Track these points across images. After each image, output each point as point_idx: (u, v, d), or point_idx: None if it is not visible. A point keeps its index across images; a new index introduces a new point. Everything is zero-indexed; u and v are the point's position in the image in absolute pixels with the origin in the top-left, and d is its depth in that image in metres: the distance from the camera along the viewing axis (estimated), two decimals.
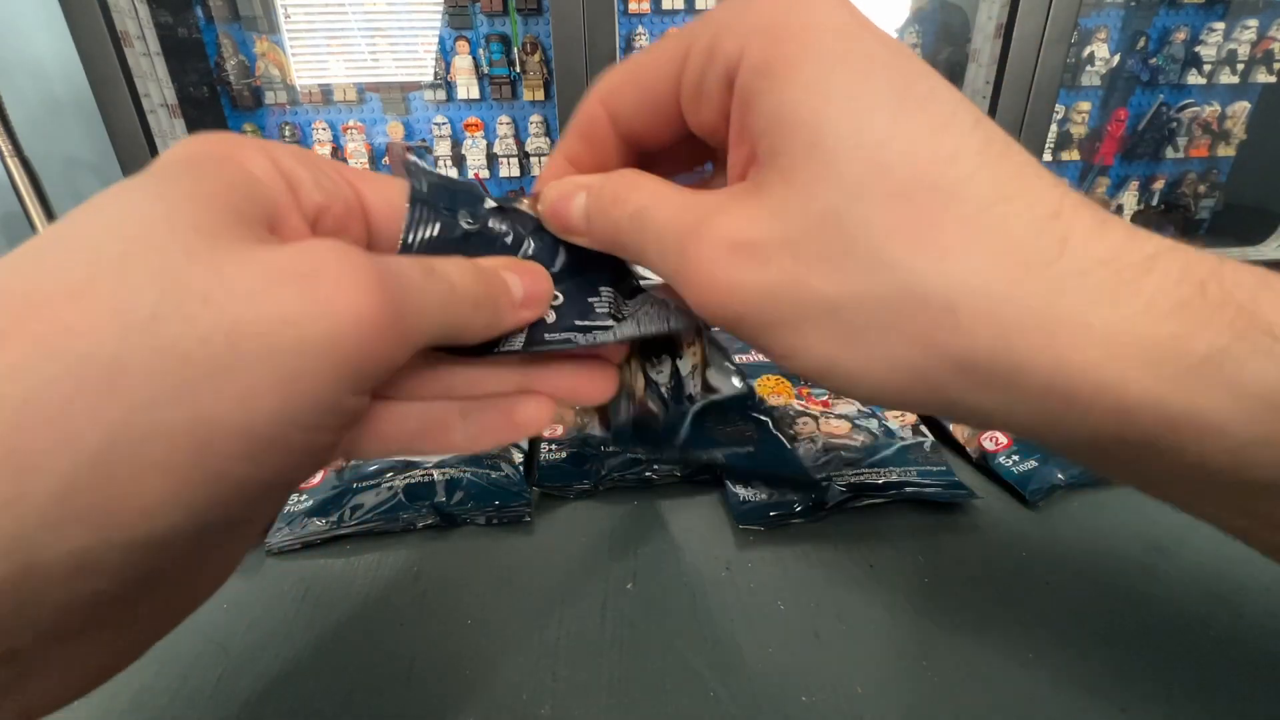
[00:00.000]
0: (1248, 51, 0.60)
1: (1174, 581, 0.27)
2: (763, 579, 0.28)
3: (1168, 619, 0.26)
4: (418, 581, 0.28)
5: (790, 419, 0.37)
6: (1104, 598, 0.27)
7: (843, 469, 0.33)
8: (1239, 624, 0.25)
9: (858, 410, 0.38)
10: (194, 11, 0.55)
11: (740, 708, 0.23)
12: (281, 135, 0.64)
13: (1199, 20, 0.60)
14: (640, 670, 0.24)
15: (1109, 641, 0.25)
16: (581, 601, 0.27)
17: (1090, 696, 0.23)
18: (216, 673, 0.24)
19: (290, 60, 0.60)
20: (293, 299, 0.11)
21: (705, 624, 0.26)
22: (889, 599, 0.27)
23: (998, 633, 0.25)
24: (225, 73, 0.58)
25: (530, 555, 0.30)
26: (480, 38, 0.63)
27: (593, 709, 0.23)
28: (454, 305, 0.15)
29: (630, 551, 0.30)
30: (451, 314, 0.15)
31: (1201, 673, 0.23)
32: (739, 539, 0.31)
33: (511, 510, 0.32)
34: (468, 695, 0.23)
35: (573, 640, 0.25)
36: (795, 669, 0.24)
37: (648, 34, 0.65)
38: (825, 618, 0.26)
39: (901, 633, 0.25)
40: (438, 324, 0.14)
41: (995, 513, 0.32)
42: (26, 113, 0.63)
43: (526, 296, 0.17)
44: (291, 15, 0.58)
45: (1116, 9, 0.59)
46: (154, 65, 0.53)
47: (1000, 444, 0.34)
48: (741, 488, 0.32)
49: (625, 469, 0.34)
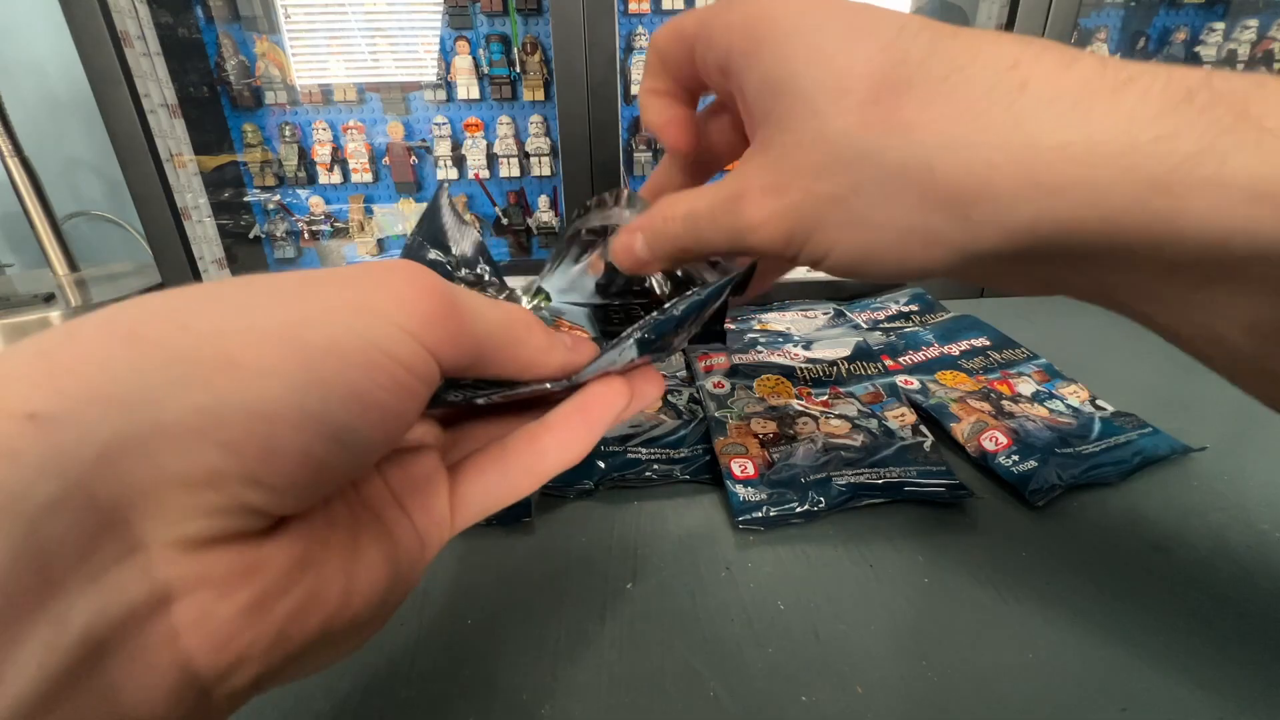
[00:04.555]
0: (1248, 52, 0.60)
1: (1174, 581, 0.27)
2: (763, 579, 0.28)
3: (1168, 619, 0.26)
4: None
5: (790, 418, 0.37)
6: (1104, 598, 0.27)
7: (843, 469, 0.33)
8: (1239, 624, 0.25)
9: (858, 410, 0.38)
10: (194, 12, 0.55)
11: (740, 708, 0.23)
12: (282, 135, 0.64)
13: (1199, 20, 0.60)
14: (640, 670, 0.24)
15: (1109, 641, 0.25)
16: (581, 601, 0.27)
17: (1090, 696, 0.23)
18: None
19: (290, 60, 0.60)
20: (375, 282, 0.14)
21: (705, 624, 0.26)
22: (889, 599, 0.27)
23: (998, 632, 0.25)
24: (225, 73, 0.58)
25: (530, 555, 0.30)
26: (480, 38, 0.63)
27: (593, 709, 0.23)
28: (510, 322, 0.16)
29: (630, 551, 0.30)
30: (506, 327, 0.16)
31: (1202, 672, 0.23)
32: (739, 539, 0.31)
33: (511, 510, 0.32)
34: (468, 695, 0.23)
35: (573, 640, 0.25)
36: (795, 669, 0.24)
37: (647, 34, 0.65)
38: (825, 618, 0.26)
39: (901, 632, 0.25)
40: (493, 326, 0.16)
41: (995, 513, 0.32)
42: (26, 112, 0.63)
43: (574, 347, 0.19)
44: (292, 15, 0.58)
45: (1116, 9, 0.59)
46: (154, 65, 0.53)
47: (1000, 444, 0.34)
48: (741, 486, 0.32)
49: (625, 469, 0.34)
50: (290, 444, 0.12)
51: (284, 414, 0.12)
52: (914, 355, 0.46)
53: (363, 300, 0.13)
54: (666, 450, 0.35)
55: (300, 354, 0.12)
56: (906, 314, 0.54)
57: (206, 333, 0.11)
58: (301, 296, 0.13)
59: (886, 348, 0.47)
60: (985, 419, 0.37)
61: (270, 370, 0.12)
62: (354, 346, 0.13)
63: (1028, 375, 0.42)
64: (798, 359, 0.45)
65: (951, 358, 0.45)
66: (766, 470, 0.33)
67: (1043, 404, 0.39)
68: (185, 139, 0.57)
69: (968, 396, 0.40)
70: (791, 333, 0.51)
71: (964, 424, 0.37)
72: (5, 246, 0.81)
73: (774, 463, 0.34)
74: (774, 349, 0.46)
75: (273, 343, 0.12)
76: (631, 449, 0.35)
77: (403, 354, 0.13)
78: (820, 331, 0.51)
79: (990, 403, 0.39)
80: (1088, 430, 0.36)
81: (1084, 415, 0.38)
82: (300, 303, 0.13)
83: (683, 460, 0.35)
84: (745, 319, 0.54)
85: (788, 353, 0.46)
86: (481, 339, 0.15)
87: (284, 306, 0.12)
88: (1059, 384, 0.41)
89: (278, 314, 0.12)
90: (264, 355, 0.12)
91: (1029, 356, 0.45)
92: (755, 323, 0.53)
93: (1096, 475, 0.33)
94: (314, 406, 0.12)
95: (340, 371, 0.12)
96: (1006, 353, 0.45)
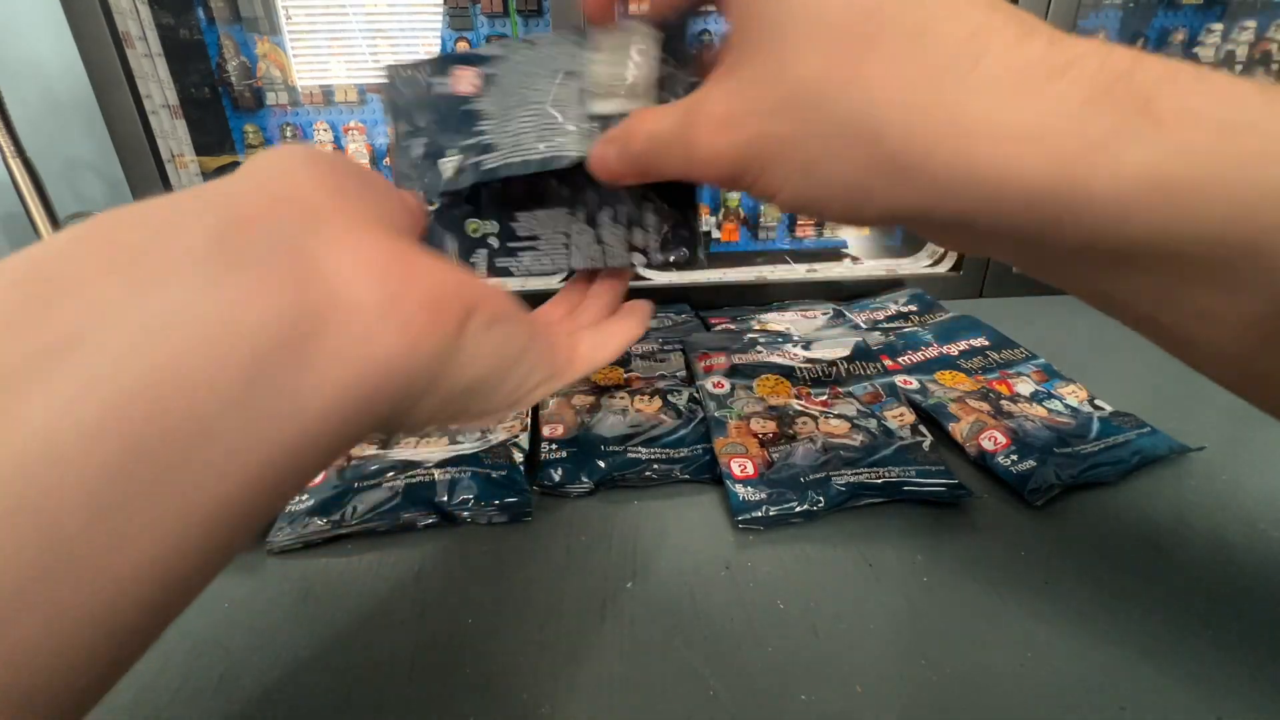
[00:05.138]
0: (1246, 52, 0.60)
1: (1173, 581, 0.27)
2: (762, 579, 0.28)
3: (1167, 619, 0.26)
4: (418, 581, 0.28)
5: (790, 418, 0.37)
6: (1103, 597, 0.27)
7: (842, 469, 0.33)
8: (1239, 623, 0.25)
9: (857, 410, 0.38)
10: (195, 13, 0.55)
11: (740, 707, 0.23)
12: (283, 136, 0.64)
13: (1197, 21, 0.60)
14: (640, 670, 0.24)
15: (1108, 641, 0.25)
16: (581, 601, 0.27)
17: (1090, 695, 0.23)
18: (217, 672, 0.24)
19: (291, 61, 0.60)
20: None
21: (705, 623, 0.26)
22: (888, 599, 0.27)
23: (997, 632, 0.25)
24: (227, 74, 0.58)
25: (530, 555, 0.30)
26: (481, 39, 0.63)
27: (593, 709, 0.23)
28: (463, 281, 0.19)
29: (630, 551, 0.30)
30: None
31: (1201, 672, 0.23)
32: (739, 539, 0.31)
33: (512, 510, 0.32)
34: (468, 695, 0.23)
35: (573, 640, 0.25)
36: (795, 668, 0.24)
37: None
38: (824, 617, 0.26)
39: (901, 632, 0.25)
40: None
41: (994, 512, 0.32)
42: (28, 113, 0.63)
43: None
44: (293, 16, 0.58)
45: (1115, 10, 0.59)
46: (155, 66, 0.53)
47: (999, 444, 0.35)
48: (741, 486, 0.32)
49: (625, 469, 0.34)
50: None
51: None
52: (913, 355, 0.46)
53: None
54: (666, 450, 0.35)
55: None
56: (906, 314, 0.54)
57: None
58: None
59: (886, 348, 0.47)
60: (984, 419, 0.37)
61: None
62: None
63: (1026, 375, 0.43)
64: (797, 359, 0.45)
65: (950, 358, 0.45)
66: (766, 470, 0.33)
67: (1041, 404, 0.39)
68: (187, 140, 0.57)
69: (967, 396, 0.40)
70: (791, 333, 0.51)
71: (963, 424, 0.37)
72: (7, 247, 0.81)
73: (774, 462, 0.34)
74: (774, 349, 0.46)
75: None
76: (631, 449, 0.35)
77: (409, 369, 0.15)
78: (820, 332, 0.51)
79: (989, 402, 0.39)
80: (1086, 430, 0.36)
81: (1082, 415, 0.38)
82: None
83: (683, 460, 0.35)
84: (745, 319, 0.54)
85: (787, 353, 0.46)
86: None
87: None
88: (1057, 384, 0.41)
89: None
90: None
91: (1028, 356, 0.45)
92: (755, 323, 0.53)
93: (1095, 475, 0.33)
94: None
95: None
96: (1005, 353, 0.45)
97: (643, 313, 0.29)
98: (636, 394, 0.40)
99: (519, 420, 0.38)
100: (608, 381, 0.43)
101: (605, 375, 0.43)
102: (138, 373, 0.11)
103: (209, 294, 0.12)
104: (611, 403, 0.40)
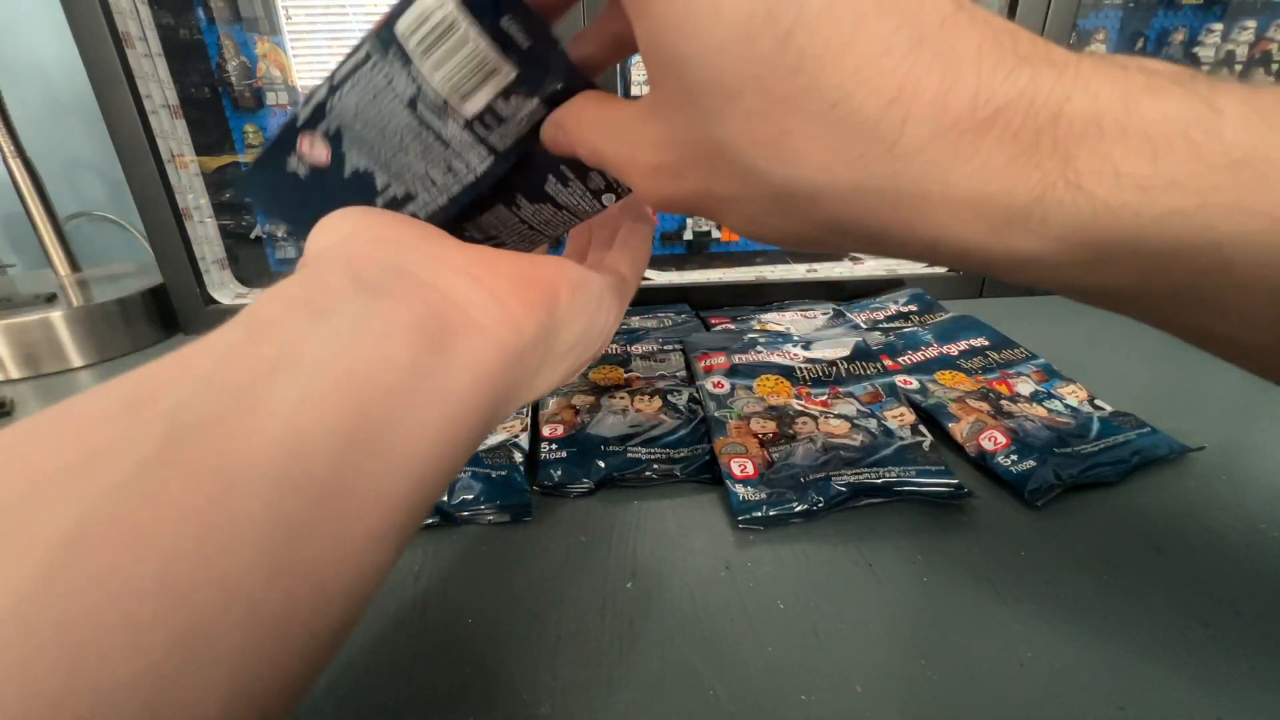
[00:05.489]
0: (1246, 52, 0.60)
1: (1172, 581, 0.27)
2: (762, 579, 0.28)
3: (1167, 618, 0.26)
4: (418, 581, 0.28)
5: (789, 418, 0.37)
6: (1103, 598, 0.27)
7: (842, 469, 0.33)
8: (1238, 623, 0.25)
9: (857, 410, 0.38)
10: (195, 13, 0.55)
11: (740, 707, 0.23)
12: None
13: (1197, 21, 0.60)
14: (640, 670, 0.24)
15: (1108, 641, 0.25)
16: (581, 601, 0.27)
17: (1090, 695, 0.23)
18: None
19: (291, 61, 0.60)
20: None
21: (705, 623, 0.26)
22: (888, 599, 0.27)
23: (997, 632, 0.25)
24: (227, 74, 0.58)
25: (530, 555, 0.30)
26: None
27: (593, 709, 0.23)
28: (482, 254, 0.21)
29: (630, 551, 0.30)
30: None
31: (1201, 672, 0.24)
32: (739, 539, 0.31)
33: (512, 509, 0.32)
34: (468, 695, 0.23)
35: (573, 640, 0.25)
36: (794, 668, 0.24)
37: None
38: (824, 617, 0.26)
39: (901, 632, 0.25)
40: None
41: (994, 512, 0.32)
42: (28, 113, 0.63)
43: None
44: (293, 16, 0.58)
45: (1115, 10, 0.59)
46: (155, 66, 0.53)
47: (999, 443, 0.35)
48: (741, 486, 0.32)
49: (625, 469, 0.34)
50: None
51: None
52: (913, 355, 0.46)
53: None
54: (666, 450, 0.35)
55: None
56: (905, 314, 0.54)
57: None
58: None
59: (885, 348, 0.47)
60: (984, 419, 0.37)
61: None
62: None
63: (1026, 375, 0.43)
64: (797, 359, 0.45)
65: (950, 358, 0.45)
66: (766, 470, 0.33)
67: (1041, 404, 0.39)
68: (187, 140, 0.57)
69: (966, 396, 0.40)
70: (791, 333, 0.51)
71: (963, 424, 0.37)
72: (7, 247, 0.81)
73: (773, 462, 0.34)
74: (773, 349, 0.46)
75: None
76: (631, 449, 0.35)
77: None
78: (819, 331, 0.51)
79: (989, 402, 0.39)
80: (1086, 430, 0.36)
81: (1082, 415, 0.38)
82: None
83: (682, 460, 0.35)
84: (745, 319, 0.54)
85: (787, 353, 0.46)
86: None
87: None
88: (1057, 384, 0.41)
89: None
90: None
91: (1027, 356, 0.45)
92: (755, 323, 0.53)
93: (1095, 475, 0.33)
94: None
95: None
96: (1005, 353, 0.45)
97: (644, 213, 0.30)
98: (636, 394, 0.41)
99: (519, 420, 0.38)
100: (608, 381, 0.43)
101: (605, 375, 0.43)
102: (338, 374, 0.14)
103: (366, 315, 0.16)
104: (611, 403, 0.40)
